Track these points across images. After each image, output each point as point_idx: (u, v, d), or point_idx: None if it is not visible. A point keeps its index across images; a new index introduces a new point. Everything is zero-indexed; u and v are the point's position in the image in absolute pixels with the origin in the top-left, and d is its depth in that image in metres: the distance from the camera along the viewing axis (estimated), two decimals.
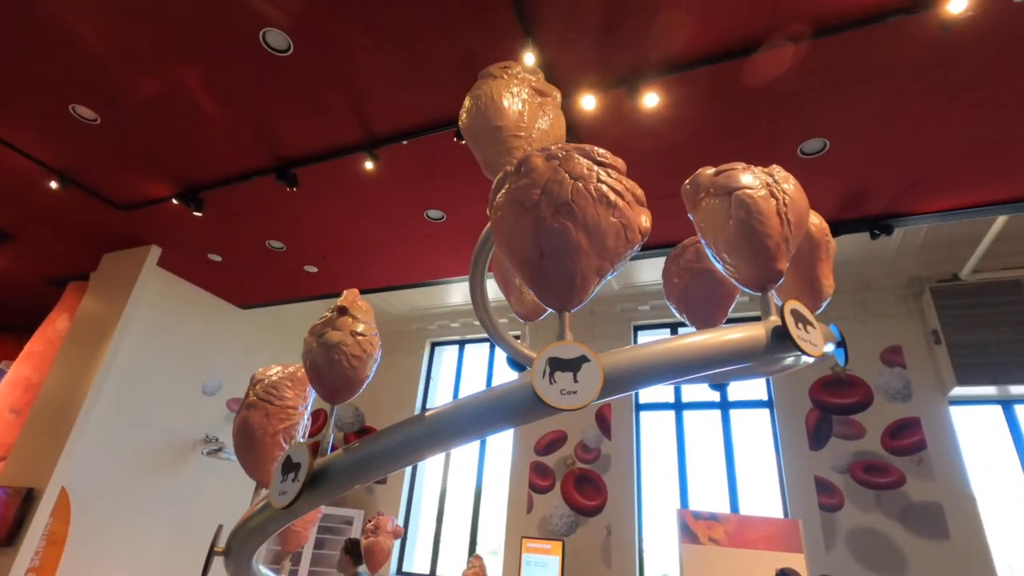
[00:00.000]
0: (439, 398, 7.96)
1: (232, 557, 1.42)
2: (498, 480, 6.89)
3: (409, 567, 6.96)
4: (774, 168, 1.25)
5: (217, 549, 1.44)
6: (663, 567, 5.79)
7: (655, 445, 6.38)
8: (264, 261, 5.63)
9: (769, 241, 1.12)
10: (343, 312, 1.42)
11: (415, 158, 3.94)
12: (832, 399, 5.53)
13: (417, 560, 7.06)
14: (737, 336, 1.11)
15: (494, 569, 5.50)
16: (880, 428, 5.25)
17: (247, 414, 1.57)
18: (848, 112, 3.26)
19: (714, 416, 6.15)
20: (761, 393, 6.07)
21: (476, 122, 1.45)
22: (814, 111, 3.28)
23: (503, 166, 1.18)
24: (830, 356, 1.30)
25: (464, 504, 7.01)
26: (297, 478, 1.18)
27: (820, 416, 5.51)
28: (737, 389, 6.20)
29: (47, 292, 6.67)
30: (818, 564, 4.90)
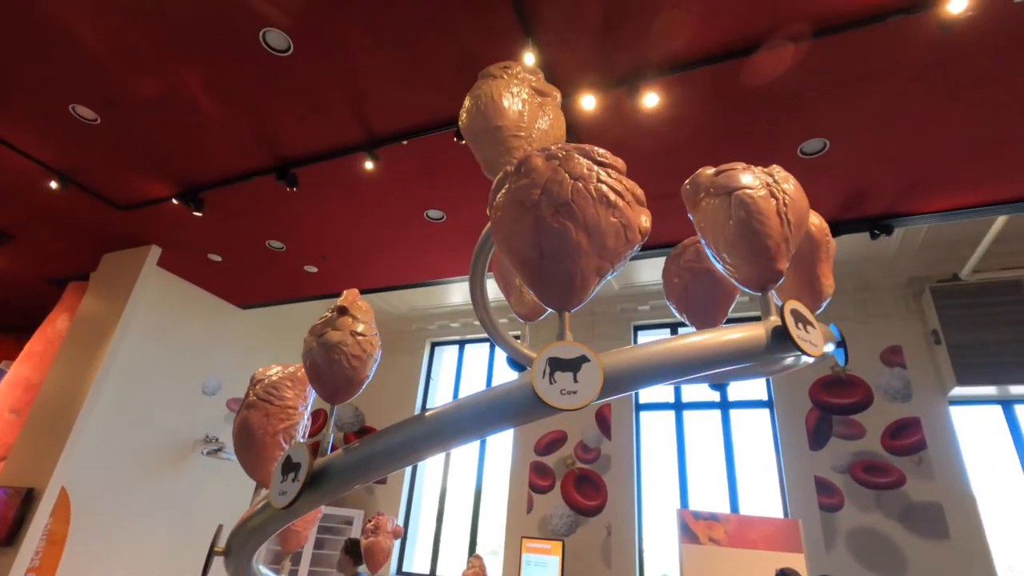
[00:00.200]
0: (439, 398, 7.96)
1: (232, 557, 1.42)
2: (498, 480, 6.89)
3: (409, 567, 6.96)
4: (774, 168, 1.25)
5: (217, 549, 1.44)
6: (663, 567, 5.79)
7: (655, 445, 6.38)
8: (264, 261, 5.63)
9: (769, 241, 1.12)
10: (343, 312, 1.42)
11: (415, 158, 3.94)
12: (832, 399, 5.53)
13: (417, 560, 7.05)
14: (737, 336, 1.11)
15: (494, 569, 5.50)
16: (880, 428, 5.25)
17: (247, 414, 1.57)
18: (848, 112, 3.26)
19: (714, 416, 6.15)
20: (761, 393, 6.07)
21: (476, 122, 1.45)
22: (814, 111, 3.28)
23: (503, 166, 1.18)
24: (830, 356, 1.30)
25: (464, 504, 7.00)
26: (297, 478, 1.18)
27: (820, 416, 5.51)
28: (737, 389, 6.20)
29: (47, 292, 6.67)
30: (818, 564, 4.90)
